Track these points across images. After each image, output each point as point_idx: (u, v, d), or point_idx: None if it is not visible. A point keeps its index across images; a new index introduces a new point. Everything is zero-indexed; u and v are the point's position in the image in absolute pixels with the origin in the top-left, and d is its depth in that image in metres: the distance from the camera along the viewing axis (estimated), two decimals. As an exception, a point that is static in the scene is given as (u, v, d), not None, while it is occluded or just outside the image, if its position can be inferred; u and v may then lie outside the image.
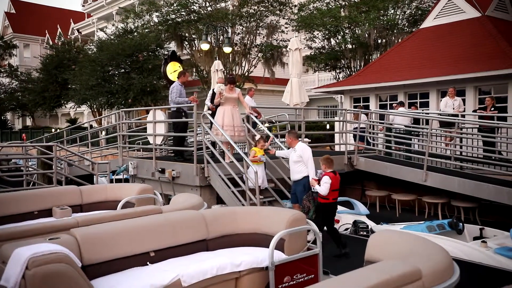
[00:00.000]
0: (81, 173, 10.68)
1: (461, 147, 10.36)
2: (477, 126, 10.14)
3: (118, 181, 10.56)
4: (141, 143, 13.85)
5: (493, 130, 9.89)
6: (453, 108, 11.15)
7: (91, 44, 28.70)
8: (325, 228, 6.05)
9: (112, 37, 25.34)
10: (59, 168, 9.34)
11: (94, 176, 9.49)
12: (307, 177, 6.60)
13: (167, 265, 3.42)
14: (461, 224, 7.36)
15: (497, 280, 4.20)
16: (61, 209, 5.28)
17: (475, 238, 7.01)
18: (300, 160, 6.70)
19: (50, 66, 31.19)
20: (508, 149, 9.48)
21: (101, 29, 29.17)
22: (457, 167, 9.45)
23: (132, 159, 10.09)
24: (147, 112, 11.66)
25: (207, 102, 8.98)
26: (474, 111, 11.48)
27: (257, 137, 7.08)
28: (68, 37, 38.01)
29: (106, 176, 10.70)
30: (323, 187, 5.88)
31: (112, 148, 13.57)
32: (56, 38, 37.75)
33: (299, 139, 10.01)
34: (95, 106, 26.89)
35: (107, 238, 3.35)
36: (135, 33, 24.88)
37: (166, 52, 23.55)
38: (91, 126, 15.89)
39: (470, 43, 13.71)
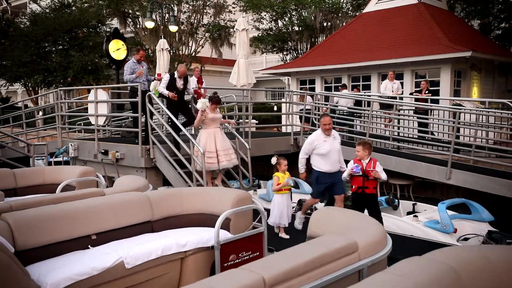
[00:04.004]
0: (15, 156, 10.03)
1: (398, 128, 10.97)
2: (413, 108, 10.77)
3: (58, 163, 10.05)
4: (82, 124, 13.23)
5: (427, 112, 10.56)
6: (392, 91, 11.73)
7: (23, 17, 26.55)
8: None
9: (47, 10, 23.62)
10: (-11, 151, 8.70)
11: (31, 159, 8.96)
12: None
13: (110, 247, 3.35)
14: (396, 200, 7.86)
15: (423, 249, 4.56)
16: (-8, 194, 4.94)
17: (408, 213, 7.53)
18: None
19: (-25, 39, 28.50)
20: (439, 130, 10.17)
21: (34, 1, 27.05)
22: (395, 147, 10.01)
23: (72, 141, 9.63)
24: (89, 91, 11.15)
25: (161, 89, 7.95)
26: (411, 94, 12.15)
27: (274, 160, 5.87)
28: (-4, 8, 34.86)
29: (43, 159, 10.16)
30: (384, 174, 5.26)
31: (51, 129, 12.85)
32: (-18, 9, 34.48)
33: (247, 120, 10.11)
34: (30, 84, 25.12)
35: (43, 222, 3.21)
36: (73, 8, 23.36)
37: (108, 29, 22.41)
38: (26, 106, 14.87)
39: (408, 29, 14.38)
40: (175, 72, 8.13)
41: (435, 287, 1.91)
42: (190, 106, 8.69)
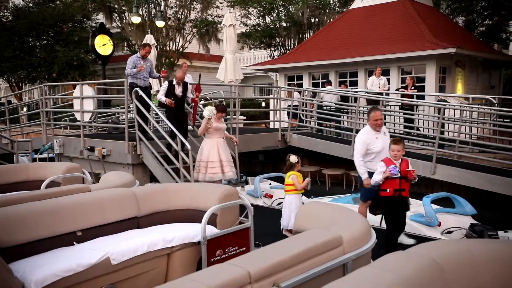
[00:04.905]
0: (-2, 153, 9.87)
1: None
2: (399, 104, 10.89)
3: (43, 160, 9.91)
4: (68, 120, 13.06)
5: (413, 108, 10.70)
6: (379, 87, 11.84)
7: (5, 11, 26.06)
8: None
9: (30, 4, 23.19)
10: (-29, 147, 8.54)
11: (14, 155, 8.84)
12: None
13: (96, 244, 3.32)
14: (382, 195, 7.93)
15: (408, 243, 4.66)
16: (-27, 191, 4.86)
17: (394, 207, 7.61)
18: None
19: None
20: (425, 126, 10.31)
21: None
22: (381, 143, 10.09)
23: (57, 137, 9.51)
24: (74, 87, 11.02)
25: (160, 96, 7.75)
26: (397, 90, 12.27)
27: (293, 158, 5.46)
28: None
29: (28, 155, 10.02)
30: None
31: (35, 125, 12.66)
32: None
33: (234, 116, 10.09)
34: (13, 80, 24.70)
35: (27, 218, 3.17)
36: (58, 2, 23.00)
37: (94, 24, 22.13)
38: (9, 102, 14.60)
39: (394, 25, 14.51)
40: (174, 79, 7.91)
41: (419, 281, 1.95)
42: (187, 114, 8.44)
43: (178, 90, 7.81)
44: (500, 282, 2.15)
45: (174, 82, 7.83)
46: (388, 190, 4.68)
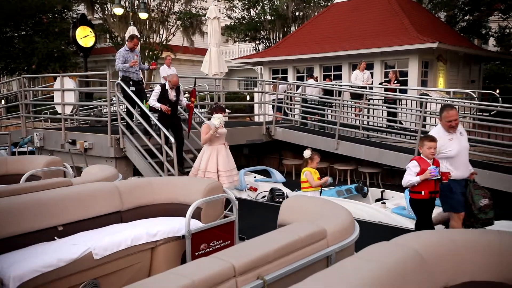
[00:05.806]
0: (-24, 146, 9.63)
1: (368, 117, 11.19)
2: (382, 98, 11.00)
3: (22, 154, 9.70)
4: (48, 113, 12.78)
5: (396, 101, 10.83)
6: (362, 81, 11.92)
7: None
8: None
9: (8, -7, 22.53)
10: None
11: (-8, 149, 8.63)
12: None
13: (77, 238, 3.28)
14: (365, 188, 8.05)
15: (390, 235, 4.72)
16: (-51, 185, 4.71)
17: (377, 200, 7.72)
18: None
19: None
20: (407, 119, 10.45)
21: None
22: (365, 136, 10.21)
23: (38, 130, 9.32)
24: (55, 79, 10.77)
25: (152, 102, 7.38)
26: (380, 84, 12.38)
27: (306, 153, 5.24)
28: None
29: (6, 149, 9.80)
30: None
31: (14, 118, 12.37)
32: None
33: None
34: (-9, 71, 24.04)
35: (6, 213, 3.09)
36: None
37: (75, 15, 21.67)
38: (-13, 94, 14.20)
39: (378, 19, 14.61)
40: (166, 83, 7.55)
41: (401, 270, 1.98)
42: (180, 118, 8.12)
43: (172, 95, 7.46)
44: (480, 269, 2.21)
45: (167, 86, 7.48)
46: (423, 193, 4.34)
